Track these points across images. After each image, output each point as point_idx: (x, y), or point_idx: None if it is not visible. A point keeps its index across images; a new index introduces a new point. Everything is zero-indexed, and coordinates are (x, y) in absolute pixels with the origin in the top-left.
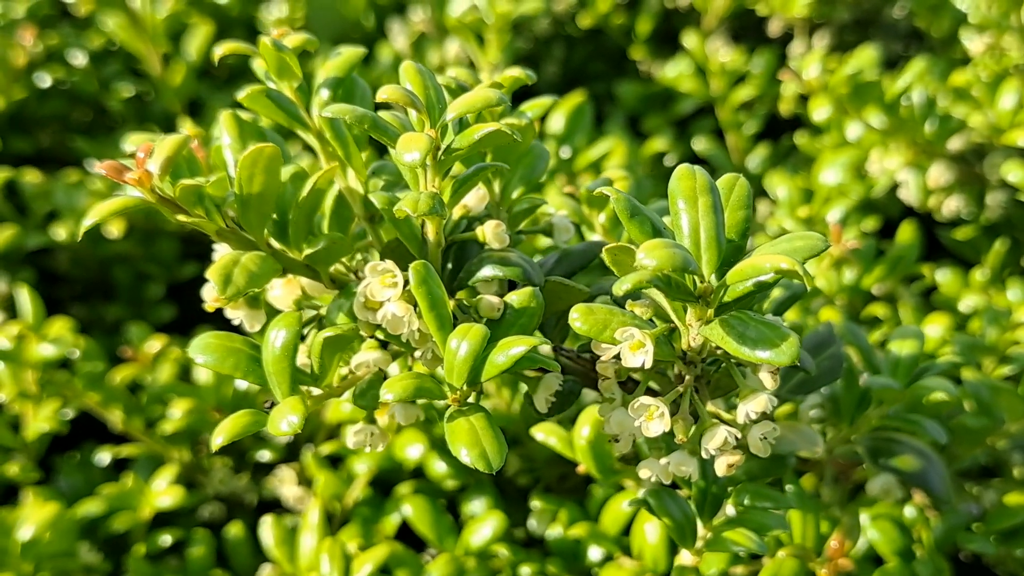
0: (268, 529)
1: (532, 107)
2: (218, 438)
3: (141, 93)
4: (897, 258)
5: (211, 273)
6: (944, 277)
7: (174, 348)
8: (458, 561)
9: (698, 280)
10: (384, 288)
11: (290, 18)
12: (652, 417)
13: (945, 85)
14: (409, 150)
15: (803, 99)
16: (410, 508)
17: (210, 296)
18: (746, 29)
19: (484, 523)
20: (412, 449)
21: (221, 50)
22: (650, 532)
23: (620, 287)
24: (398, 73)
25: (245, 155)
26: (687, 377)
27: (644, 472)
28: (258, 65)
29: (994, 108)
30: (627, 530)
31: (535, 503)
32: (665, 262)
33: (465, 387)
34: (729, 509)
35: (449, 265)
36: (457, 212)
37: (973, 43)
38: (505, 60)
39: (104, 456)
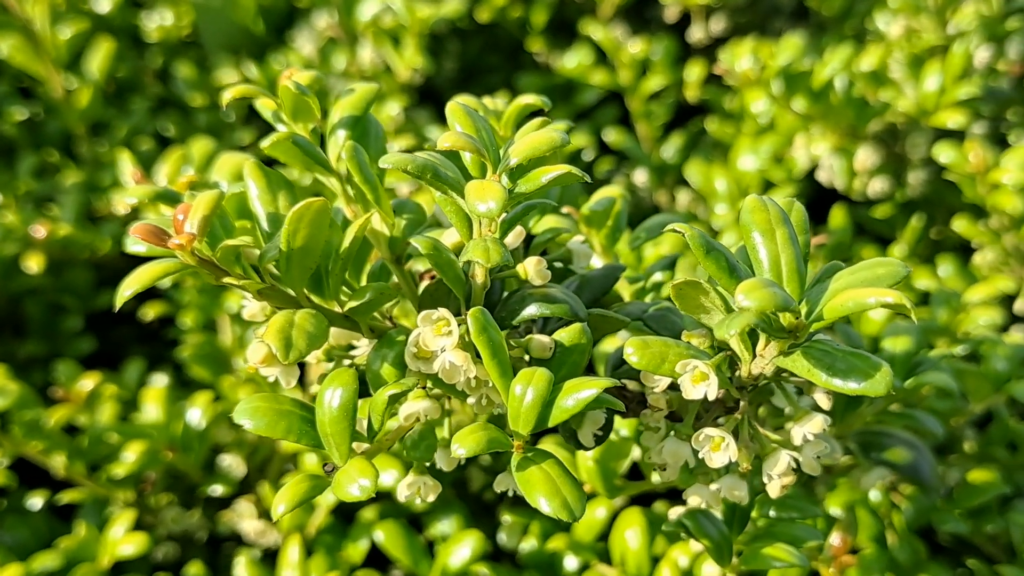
0: (243, 570)
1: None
2: (279, 507)
3: (33, 115)
4: (837, 244)
5: (270, 338)
6: (867, 255)
7: (108, 385)
8: None
9: (791, 316)
10: (438, 337)
11: (176, 26)
12: (718, 448)
13: (854, 67)
14: (484, 200)
15: (713, 85)
16: (382, 534)
17: (257, 358)
18: (640, 17)
19: (461, 544)
20: (386, 476)
21: (230, 94)
22: (631, 538)
23: (726, 331)
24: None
25: (294, 211)
26: (742, 403)
27: (694, 499)
28: (263, 105)
29: (919, 90)
30: (602, 536)
31: (505, 517)
32: (767, 303)
33: (528, 434)
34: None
35: (490, 303)
36: None
37: (891, 27)
38: (425, 64)
39: (36, 501)
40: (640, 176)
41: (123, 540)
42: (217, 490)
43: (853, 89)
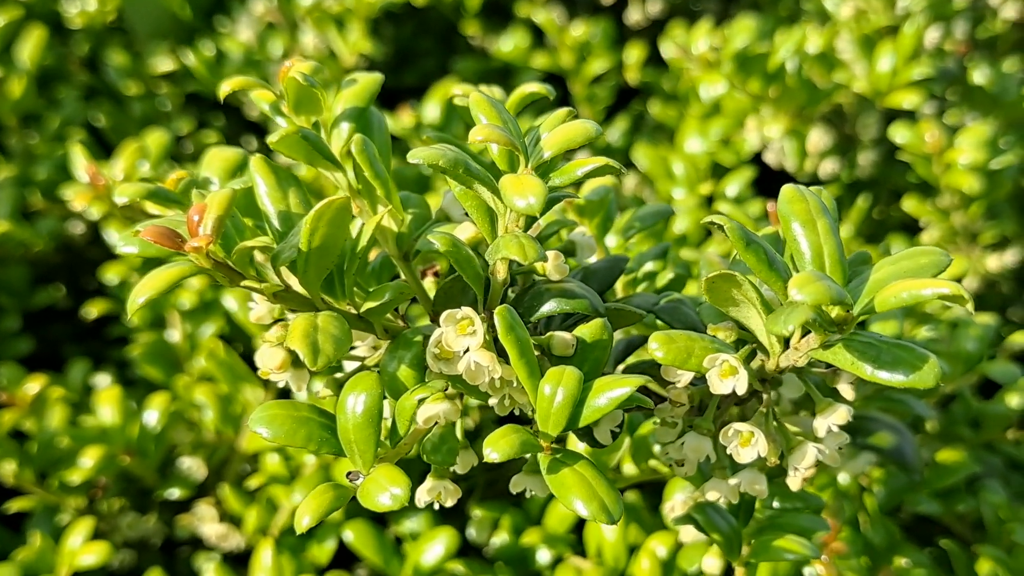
0: (212, 575)
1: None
2: (304, 519)
3: None
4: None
5: (296, 344)
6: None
7: (55, 388)
8: None
9: (842, 309)
10: (462, 337)
11: (101, 11)
12: (747, 443)
13: (803, 47)
14: (523, 196)
15: (652, 67)
16: (351, 533)
17: (274, 363)
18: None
19: (435, 541)
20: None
21: (228, 86)
22: (608, 529)
23: (784, 327)
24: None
25: (315, 210)
26: (766, 397)
27: (712, 494)
28: (260, 97)
29: (872, 71)
30: (574, 529)
31: (475, 512)
32: (822, 296)
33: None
34: None
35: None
36: None
37: (841, 8)
38: (372, 48)
39: None
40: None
41: (83, 550)
42: (174, 494)
43: (804, 71)
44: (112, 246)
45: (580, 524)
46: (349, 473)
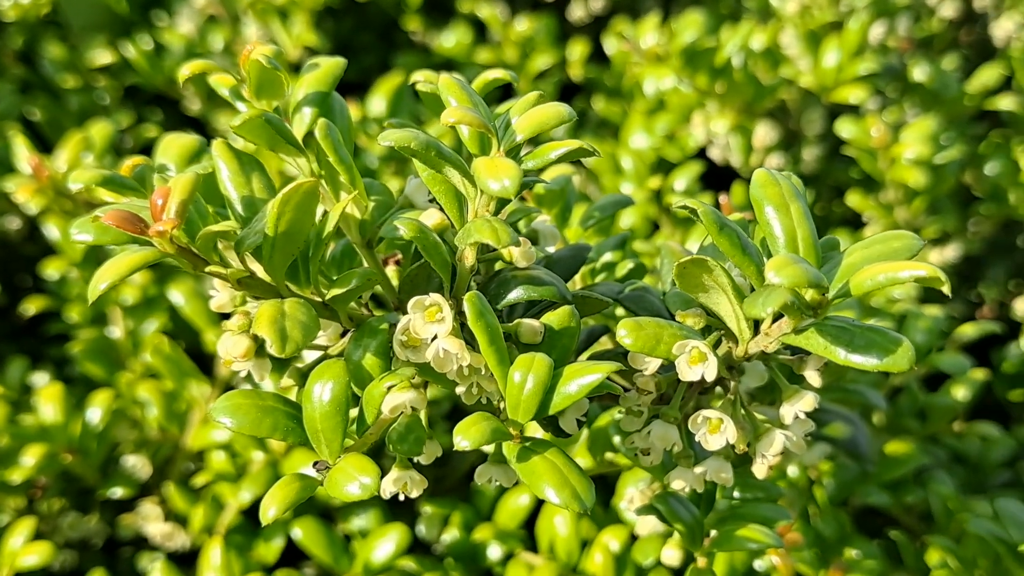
0: (158, 574)
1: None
2: (270, 510)
3: None
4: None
5: (263, 330)
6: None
7: None
8: None
9: (818, 293)
10: (430, 324)
11: (35, 3)
12: (716, 430)
13: (747, 42)
14: (497, 179)
15: (595, 63)
16: (300, 531)
17: (238, 351)
18: None
19: (385, 538)
20: (308, 470)
21: (188, 70)
22: (560, 524)
23: (762, 309)
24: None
25: (282, 194)
26: (733, 384)
27: (677, 483)
28: (219, 82)
29: (818, 66)
30: (525, 524)
31: (425, 508)
32: (799, 279)
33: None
34: None
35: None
36: None
37: (786, 4)
38: (317, 41)
39: None
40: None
41: (24, 550)
42: (117, 492)
43: (750, 67)
44: (52, 241)
45: (532, 520)
46: (316, 463)
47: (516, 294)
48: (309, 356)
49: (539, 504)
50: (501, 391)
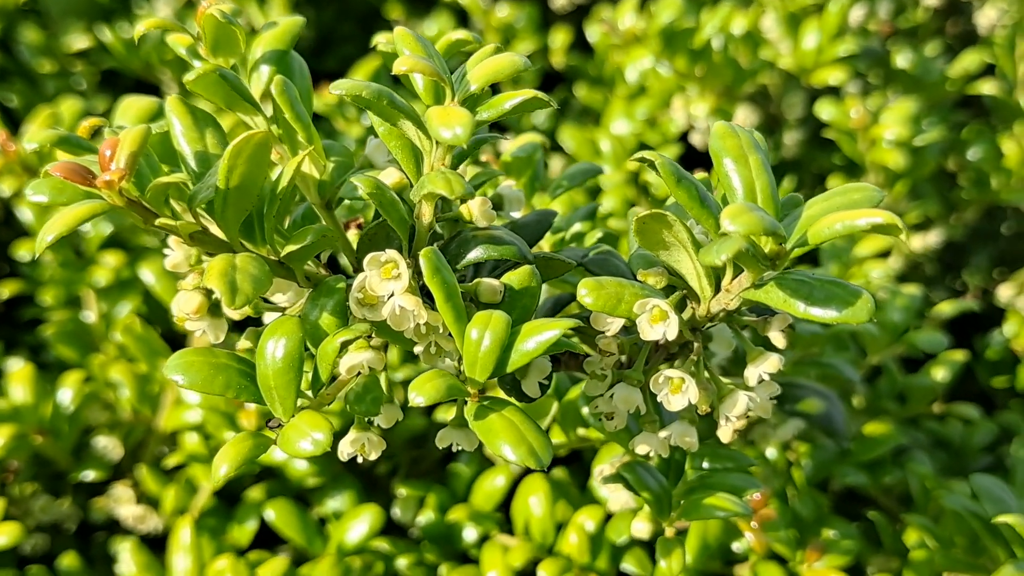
0: (128, 555)
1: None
2: (222, 468)
3: None
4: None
5: (213, 282)
6: None
7: None
8: (344, 563)
9: (775, 242)
10: (386, 281)
11: None
12: (678, 390)
13: (728, 27)
14: (450, 127)
15: (578, 52)
16: (273, 512)
17: (191, 307)
18: None
19: (359, 518)
20: (278, 451)
21: (143, 26)
22: (535, 505)
23: (716, 256)
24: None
25: (233, 144)
26: (696, 345)
27: (642, 448)
28: (176, 41)
29: (798, 48)
30: (501, 506)
31: (400, 491)
32: (754, 226)
33: (486, 381)
34: None
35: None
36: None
37: None
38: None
39: None
40: (507, 144)
41: None
42: (89, 475)
43: (730, 50)
44: (27, 225)
45: (507, 502)
46: (269, 421)
47: (476, 253)
48: (268, 319)
49: (515, 486)
50: (459, 349)
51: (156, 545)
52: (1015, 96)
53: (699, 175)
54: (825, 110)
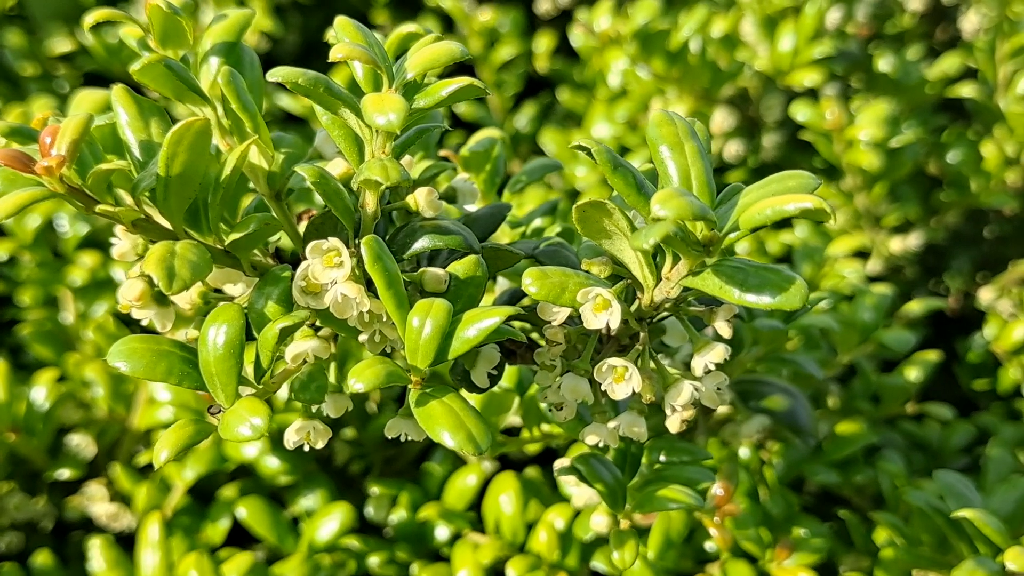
0: (98, 552)
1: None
2: (162, 453)
3: None
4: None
5: (151, 268)
6: None
7: None
8: (313, 560)
9: (707, 228)
10: (329, 269)
11: None
12: (621, 378)
13: (708, 31)
14: (383, 113)
15: (563, 56)
16: (244, 510)
17: (133, 295)
18: None
19: (329, 516)
20: (249, 448)
21: (92, 18)
22: (506, 503)
23: (645, 241)
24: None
25: (173, 131)
26: (642, 334)
27: (591, 438)
28: (128, 33)
29: (774, 50)
30: (473, 505)
31: (373, 489)
32: (684, 211)
33: (428, 368)
34: None
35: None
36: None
37: None
38: (273, 27)
39: None
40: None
41: None
42: (64, 474)
43: (708, 52)
44: (3, 224)
45: (479, 501)
46: (211, 407)
47: (422, 243)
48: None
49: (487, 484)
50: (401, 336)
51: (130, 543)
52: (995, 99)
53: (646, 168)
54: (800, 112)
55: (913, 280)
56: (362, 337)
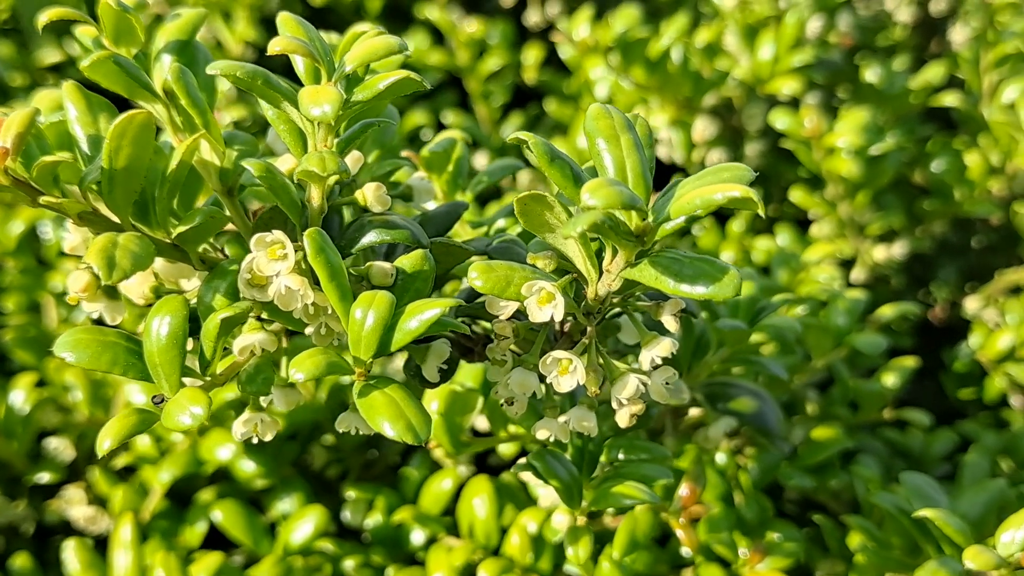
0: (72, 554)
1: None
2: (105, 442)
3: None
4: None
5: (92, 258)
6: (700, 230)
7: None
8: (286, 562)
9: (638, 218)
10: (273, 261)
11: None
12: (566, 371)
13: (692, 41)
14: (318, 104)
15: (551, 68)
16: (220, 513)
17: (79, 286)
18: (475, 4)
19: (304, 519)
20: (222, 450)
21: (46, 17)
22: (479, 506)
23: (573, 229)
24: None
25: (115, 124)
26: (589, 328)
27: (542, 433)
28: (83, 33)
29: (754, 59)
30: (448, 510)
31: (349, 493)
32: (613, 200)
33: (371, 360)
34: None
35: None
36: (333, 177)
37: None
38: (257, 36)
39: None
40: (480, 159)
41: None
42: (44, 478)
43: (690, 62)
44: None
45: (455, 505)
46: (154, 397)
47: (370, 238)
48: None
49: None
50: (344, 328)
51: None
52: (980, 109)
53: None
54: (779, 119)
55: (900, 290)
56: (308, 330)
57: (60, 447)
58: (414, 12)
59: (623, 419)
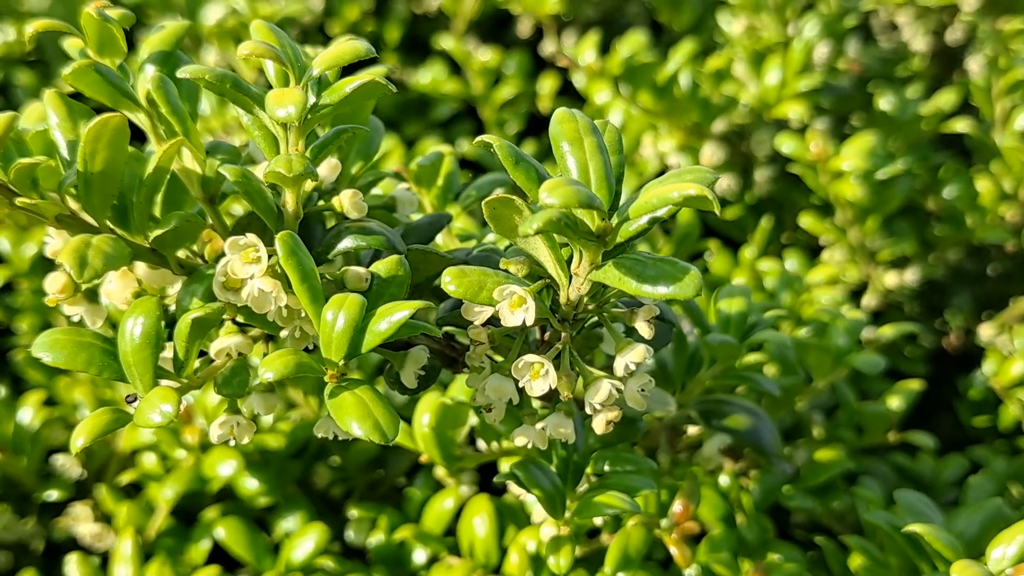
0: (74, 568)
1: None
2: (79, 440)
3: None
4: (684, 236)
5: (64, 257)
6: (712, 256)
7: None
8: None
9: (599, 218)
10: (247, 264)
11: (19, 41)
12: (537, 375)
13: (703, 68)
14: (283, 105)
15: (566, 97)
16: (223, 531)
17: (56, 287)
18: (493, 36)
19: (305, 537)
20: (224, 466)
21: (33, 28)
22: (479, 525)
23: (529, 227)
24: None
25: (89, 127)
26: (563, 334)
27: (520, 439)
28: (71, 44)
29: (761, 84)
30: (451, 530)
31: (352, 512)
32: (570, 198)
33: (343, 362)
34: None
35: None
36: (309, 183)
37: (732, 25)
38: None
39: None
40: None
41: None
42: (52, 495)
43: (699, 89)
44: (2, 253)
45: (453, 525)
46: (128, 396)
47: (346, 243)
48: None
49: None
50: (316, 330)
51: None
52: (992, 135)
53: None
54: (785, 143)
55: (913, 317)
56: (283, 333)
57: (67, 464)
58: (432, 42)
59: (599, 425)
